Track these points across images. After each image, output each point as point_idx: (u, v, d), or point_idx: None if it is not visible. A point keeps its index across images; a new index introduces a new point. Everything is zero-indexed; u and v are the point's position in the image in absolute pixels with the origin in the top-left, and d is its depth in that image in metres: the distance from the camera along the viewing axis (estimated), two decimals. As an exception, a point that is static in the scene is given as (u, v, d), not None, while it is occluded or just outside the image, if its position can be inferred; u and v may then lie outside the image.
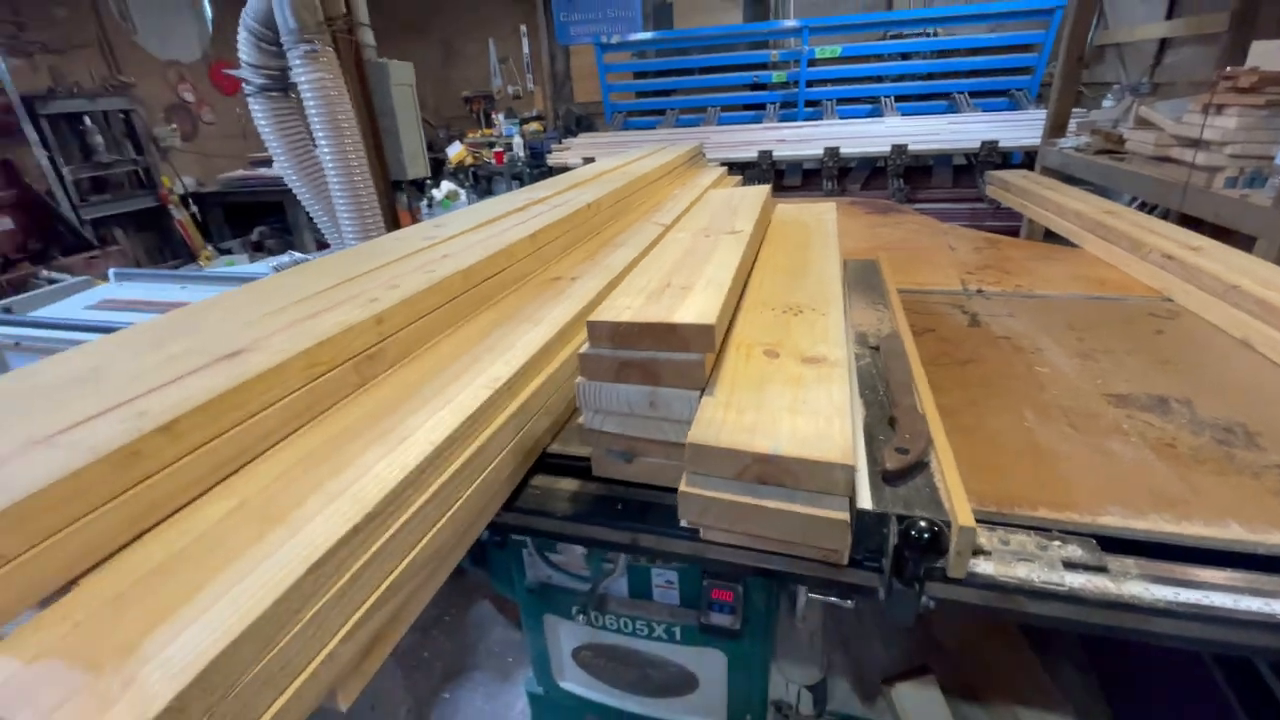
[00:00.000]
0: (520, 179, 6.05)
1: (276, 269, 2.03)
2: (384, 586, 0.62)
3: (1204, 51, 4.23)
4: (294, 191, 1.94)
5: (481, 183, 6.10)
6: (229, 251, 5.51)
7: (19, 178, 4.59)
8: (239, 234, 5.83)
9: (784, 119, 6.19)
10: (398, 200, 2.54)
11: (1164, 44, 4.60)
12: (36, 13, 4.73)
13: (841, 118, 6.06)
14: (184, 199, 5.41)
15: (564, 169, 6.27)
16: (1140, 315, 1.43)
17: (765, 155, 5.39)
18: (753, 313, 1.00)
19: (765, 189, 1.68)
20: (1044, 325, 1.41)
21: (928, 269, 1.84)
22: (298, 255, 2.27)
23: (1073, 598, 0.70)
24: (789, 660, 1.46)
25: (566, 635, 1.47)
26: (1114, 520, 0.78)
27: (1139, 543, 0.76)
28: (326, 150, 1.74)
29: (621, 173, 2.26)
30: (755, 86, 6.39)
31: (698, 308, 0.81)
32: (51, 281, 4.13)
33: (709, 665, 1.37)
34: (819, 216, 1.69)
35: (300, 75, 1.66)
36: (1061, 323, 1.41)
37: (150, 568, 0.54)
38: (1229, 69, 2.48)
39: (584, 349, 0.83)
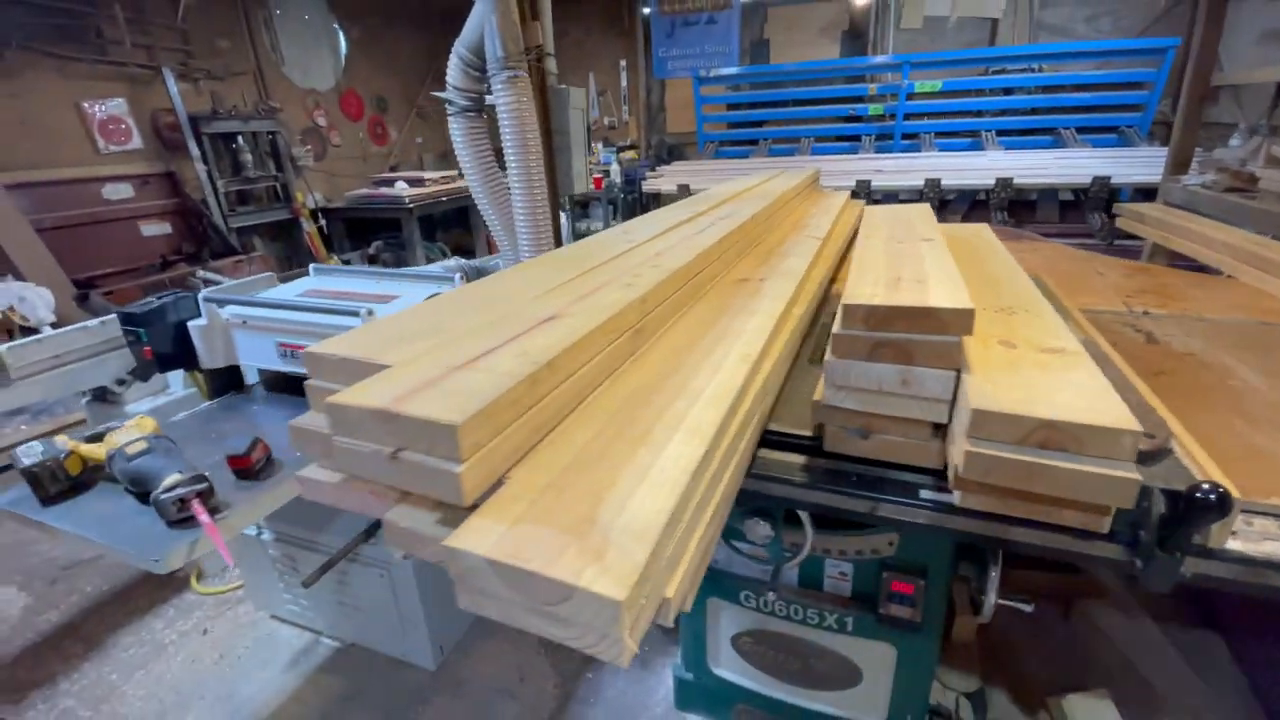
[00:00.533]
0: (615, 204, 6.31)
1: (461, 269, 2.24)
2: (714, 504, 0.73)
3: (1344, 89, 4.04)
4: (476, 202, 2.14)
5: (578, 208, 6.40)
6: (348, 262, 5.97)
7: (180, 188, 5.15)
8: (357, 246, 6.30)
9: (880, 150, 6.23)
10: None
11: (1291, 83, 4.42)
12: (202, 44, 5.36)
13: (940, 150, 6.05)
14: (313, 213, 5.92)
15: (657, 195, 6.49)
16: (1328, 341, 1.41)
17: (863, 184, 5.43)
18: (971, 311, 1.08)
19: (927, 207, 1.75)
20: (1223, 345, 1.41)
21: (1083, 291, 1.85)
22: (461, 261, 2.50)
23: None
24: (950, 665, 1.48)
25: (729, 621, 1.54)
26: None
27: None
28: (514, 165, 1.94)
29: (759, 192, 2.38)
30: (850, 119, 6.47)
31: (948, 294, 0.90)
32: (207, 282, 4.60)
33: (876, 660, 1.40)
34: (978, 234, 1.75)
35: (500, 98, 1.86)
36: (1241, 344, 1.41)
37: (563, 465, 0.66)
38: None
39: (837, 329, 0.92)
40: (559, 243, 2.13)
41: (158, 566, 1.22)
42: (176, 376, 2.18)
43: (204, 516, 1.26)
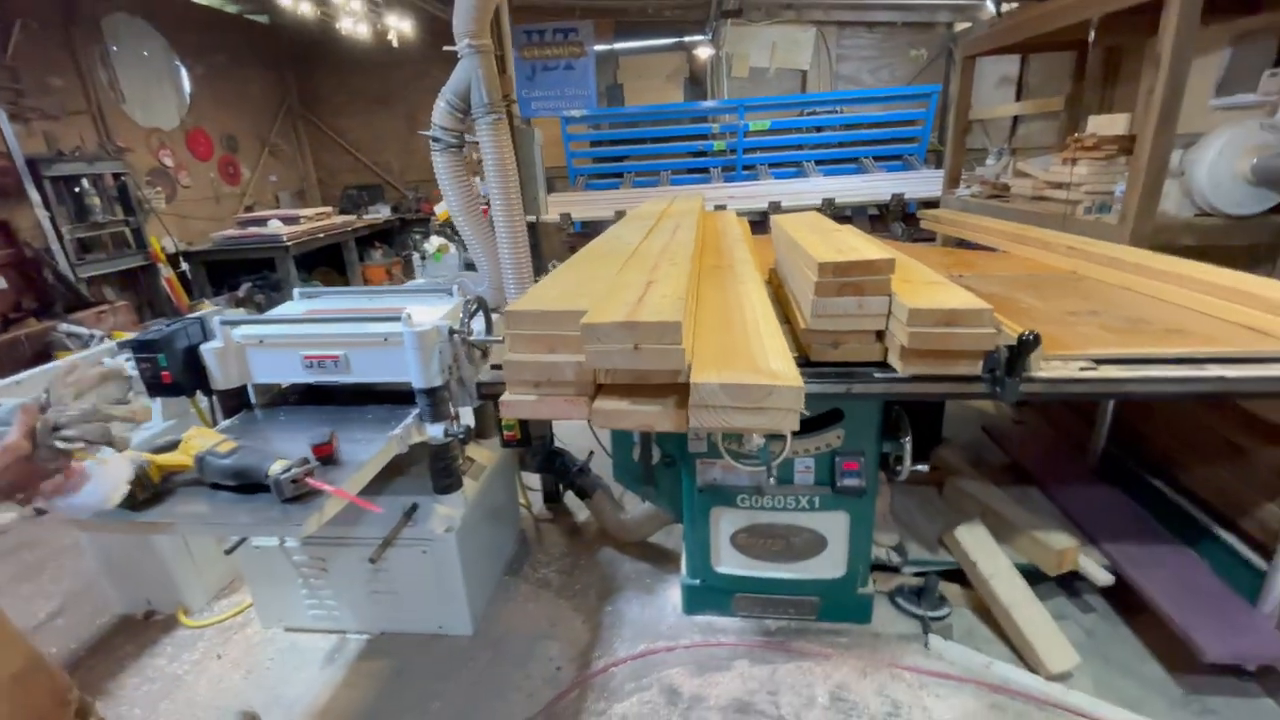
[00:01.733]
0: (500, 233, 6.60)
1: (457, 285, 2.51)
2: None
3: (1045, 124, 5.64)
4: (459, 228, 2.44)
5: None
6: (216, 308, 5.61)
7: (14, 238, 4.62)
8: (220, 290, 5.95)
9: (728, 180, 7.23)
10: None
11: (1016, 120, 6.04)
12: (34, 81, 4.88)
13: (775, 179, 7.18)
14: (172, 258, 5.51)
15: (535, 223, 6.86)
16: (1064, 280, 2.27)
17: (720, 209, 6.28)
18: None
19: (815, 213, 2.42)
20: (1009, 287, 2.20)
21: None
22: (436, 281, 2.75)
23: (1083, 380, 1.41)
24: (877, 530, 2.09)
25: (728, 523, 2.03)
26: (1096, 351, 1.51)
27: (1104, 359, 1.49)
28: (497, 196, 2.29)
29: (676, 211, 2.95)
30: (699, 154, 7.44)
31: (877, 251, 1.49)
32: (71, 335, 4.19)
33: (836, 527, 1.97)
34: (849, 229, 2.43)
35: (485, 137, 2.21)
36: (1020, 286, 2.21)
37: (717, 347, 1.12)
38: (1076, 135, 3.59)
39: (817, 279, 1.47)
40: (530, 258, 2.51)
41: (298, 531, 1.43)
42: (156, 407, 2.21)
43: (327, 487, 1.49)
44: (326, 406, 2.11)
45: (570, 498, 2.79)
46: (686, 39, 7.25)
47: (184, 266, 5.63)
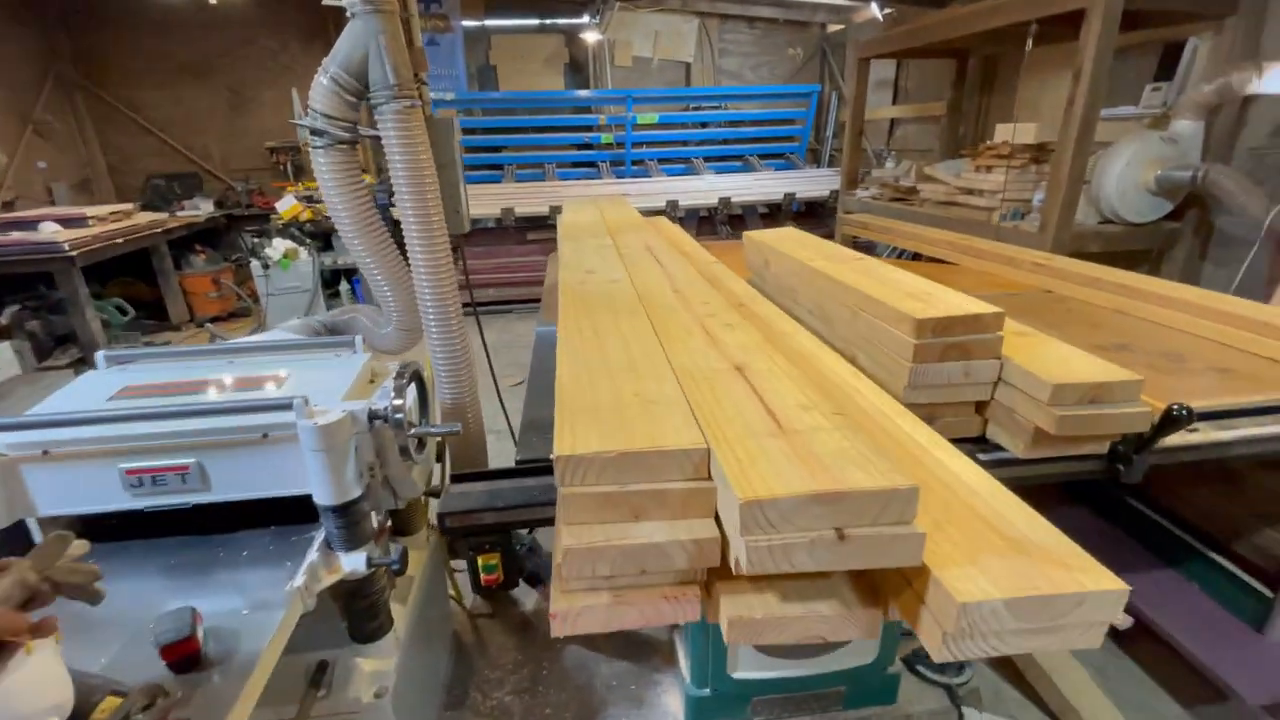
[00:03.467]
0: (363, 235, 5.67)
1: (311, 326, 1.85)
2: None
3: (921, 128, 5.89)
4: (349, 247, 1.79)
5: (319, 239, 5.57)
6: (-33, 341, 4.15)
7: None
8: (-27, 317, 4.46)
9: (616, 176, 6.84)
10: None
11: (893, 123, 6.27)
12: None
13: (667, 175, 6.91)
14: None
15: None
16: (1046, 301, 2.16)
17: (623, 207, 5.89)
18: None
19: (794, 229, 2.10)
20: (1008, 313, 2.04)
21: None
22: (310, 319, 2.05)
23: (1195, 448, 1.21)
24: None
25: (749, 620, 1.65)
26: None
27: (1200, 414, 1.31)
28: (411, 208, 1.70)
29: (624, 222, 2.50)
30: (585, 146, 6.95)
31: (968, 303, 1.17)
32: None
33: (871, 607, 1.67)
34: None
35: (391, 129, 1.61)
36: (1015, 310, 2.05)
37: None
38: (988, 142, 3.64)
39: (918, 341, 1.13)
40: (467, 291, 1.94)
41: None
42: None
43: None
44: (168, 540, 1.41)
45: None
46: (564, 21, 6.70)
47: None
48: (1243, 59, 2.95)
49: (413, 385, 1.43)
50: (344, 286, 5.58)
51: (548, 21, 6.66)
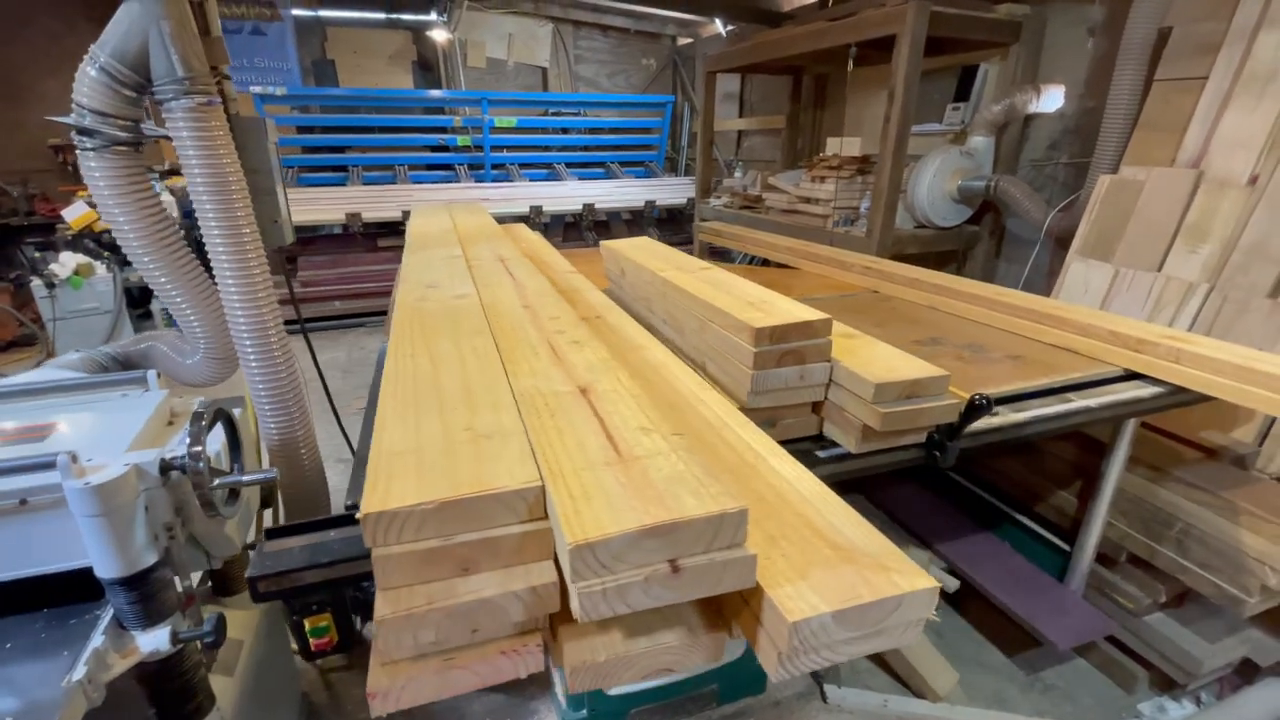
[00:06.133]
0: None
1: (98, 361, 1.56)
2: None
3: (766, 139, 6.29)
4: (136, 264, 1.52)
5: (117, 252, 4.78)
6: None
7: None
8: None
9: (476, 180, 6.60)
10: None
11: (741, 134, 6.63)
12: None
13: (529, 180, 6.78)
14: None
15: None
16: (875, 301, 2.37)
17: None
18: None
19: (649, 240, 2.12)
20: (837, 313, 2.19)
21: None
22: (90, 351, 1.72)
23: (997, 430, 1.37)
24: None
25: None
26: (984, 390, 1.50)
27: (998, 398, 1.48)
28: (213, 215, 1.46)
29: (477, 230, 2.38)
30: (439, 149, 6.63)
31: (802, 310, 1.24)
32: None
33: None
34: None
35: (184, 131, 1.37)
36: (844, 310, 2.23)
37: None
38: (821, 154, 3.95)
39: (757, 349, 1.16)
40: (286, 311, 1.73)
41: None
42: None
43: None
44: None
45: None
46: (411, 17, 6.34)
47: None
48: (1024, 82, 3.45)
49: (218, 426, 1.24)
50: (157, 305, 4.86)
51: (394, 16, 6.27)
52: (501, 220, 5.72)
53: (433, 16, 6.16)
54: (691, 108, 7.44)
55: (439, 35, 6.23)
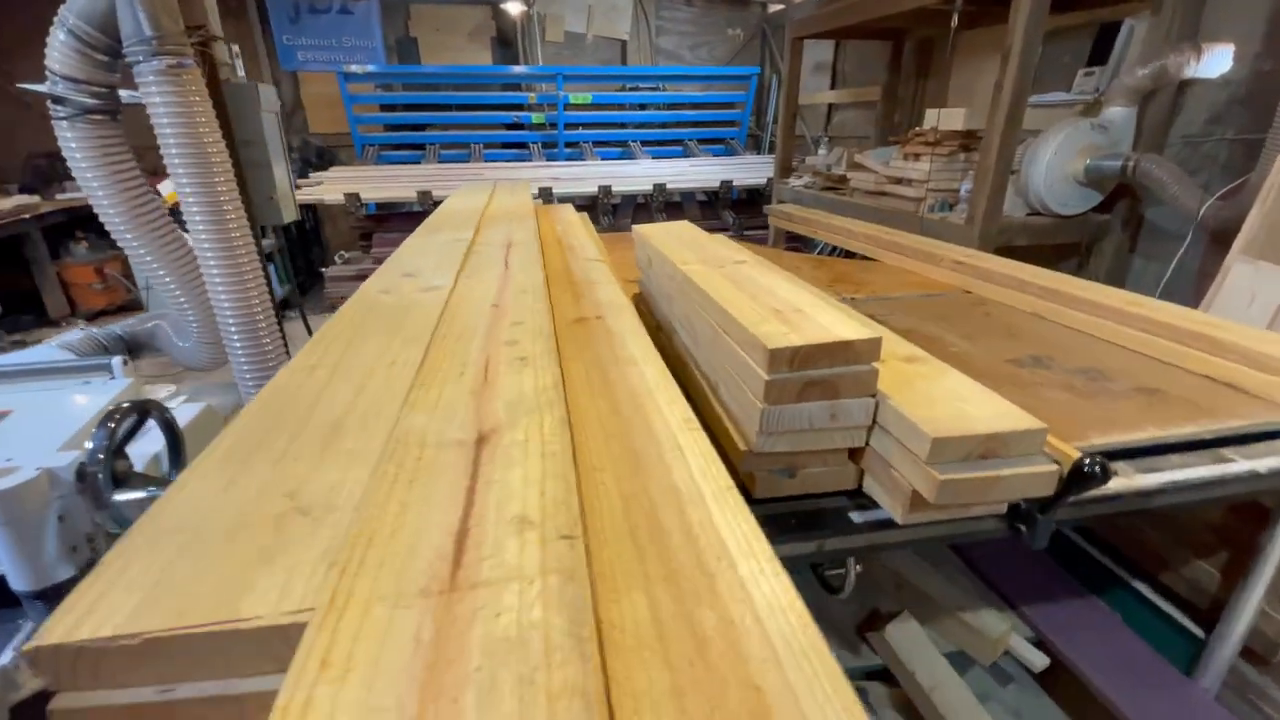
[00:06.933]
0: (263, 221, 5.21)
1: (104, 341, 1.49)
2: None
3: (860, 113, 5.71)
4: (120, 241, 1.44)
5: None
6: None
7: None
8: None
9: (548, 159, 6.47)
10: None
11: (831, 108, 6.08)
12: None
13: (601, 159, 6.57)
14: None
15: (314, 206, 5.62)
16: (965, 305, 1.96)
17: (546, 191, 5.62)
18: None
19: (689, 224, 1.83)
20: (919, 318, 1.83)
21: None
22: (94, 330, 1.68)
23: (1110, 499, 1.00)
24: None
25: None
26: (1100, 440, 1.12)
27: (1114, 450, 1.10)
28: (190, 190, 1.35)
29: (504, 212, 2.19)
30: (515, 126, 6.55)
31: (844, 324, 0.93)
32: None
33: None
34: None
35: (156, 95, 1.27)
36: (928, 315, 1.85)
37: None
38: (917, 128, 3.45)
39: (768, 376, 0.87)
40: (271, 293, 1.60)
41: None
42: None
43: None
44: None
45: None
46: (491, -9, 6.26)
47: None
48: (1181, 40, 2.81)
49: (152, 427, 1.11)
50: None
51: (471, -9, 6.20)
52: (569, 201, 5.56)
53: (511, -11, 6.04)
54: (779, 80, 6.93)
55: (514, 8, 6.10)
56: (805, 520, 0.95)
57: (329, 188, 5.14)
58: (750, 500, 0.95)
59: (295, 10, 5.87)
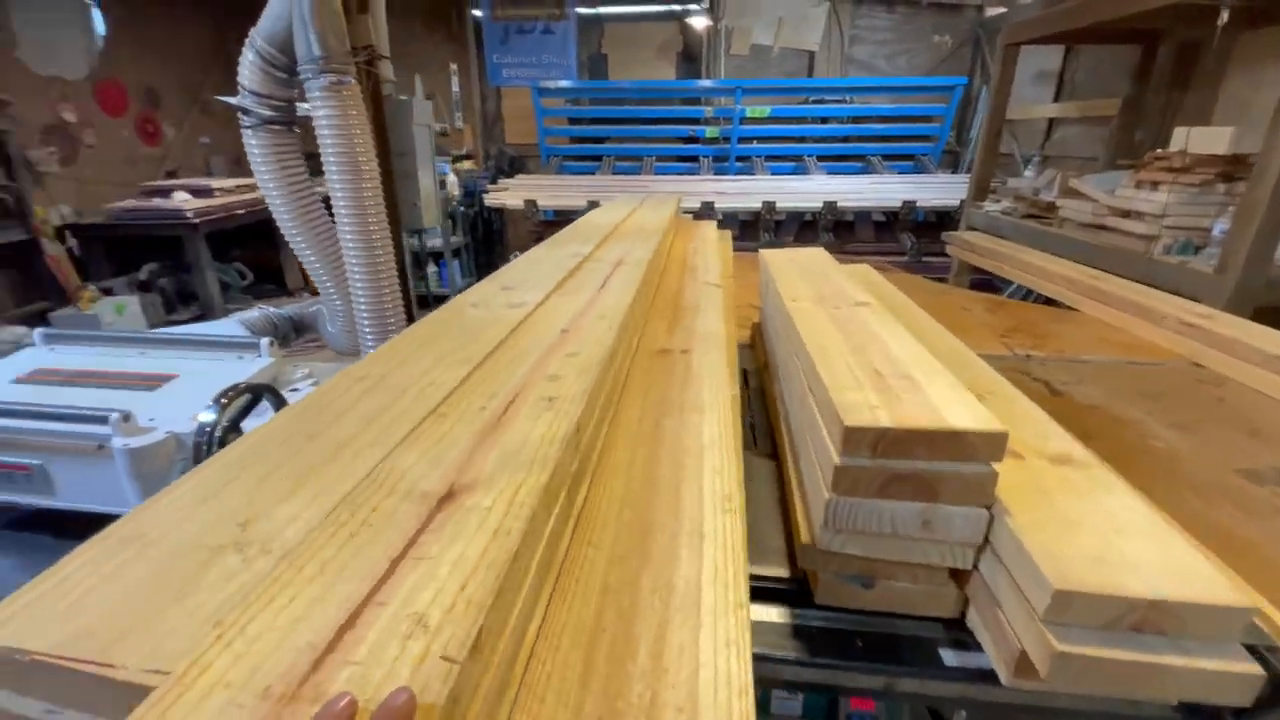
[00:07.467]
0: (454, 218, 5.81)
1: (270, 322, 1.72)
2: None
3: (1088, 130, 4.86)
4: (288, 239, 1.66)
5: (413, 223, 5.76)
6: (110, 292, 4.74)
7: None
8: (124, 271, 5.08)
9: (717, 173, 6.41)
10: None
11: (1052, 123, 5.26)
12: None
13: (772, 173, 6.36)
14: (60, 231, 4.62)
15: (500, 210, 6.11)
16: (1190, 382, 1.52)
17: (707, 205, 5.55)
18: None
19: (824, 253, 1.64)
20: (1116, 393, 1.45)
21: (959, 330, 1.87)
22: (270, 310, 1.95)
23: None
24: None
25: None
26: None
27: None
28: (342, 195, 1.50)
29: (635, 227, 2.16)
30: (689, 140, 6.59)
31: (961, 404, 0.72)
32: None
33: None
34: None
35: (320, 109, 1.43)
36: (1130, 390, 1.46)
37: None
38: (1159, 150, 2.81)
39: (839, 460, 0.70)
40: (406, 291, 1.72)
41: None
42: None
43: None
44: (24, 534, 1.32)
45: None
46: (680, 7, 6.36)
47: (71, 243, 4.74)
48: None
49: (256, 409, 1.22)
50: (431, 269, 5.71)
51: (661, 9, 6.36)
52: (731, 216, 5.44)
53: (698, 5, 6.07)
54: (990, 90, 6.16)
55: (699, 23, 6.12)
56: (876, 644, 0.75)
57: (513, 194, 5.57)
58: (806, 601, 0.78)
59: (505, 32, 6.49)
